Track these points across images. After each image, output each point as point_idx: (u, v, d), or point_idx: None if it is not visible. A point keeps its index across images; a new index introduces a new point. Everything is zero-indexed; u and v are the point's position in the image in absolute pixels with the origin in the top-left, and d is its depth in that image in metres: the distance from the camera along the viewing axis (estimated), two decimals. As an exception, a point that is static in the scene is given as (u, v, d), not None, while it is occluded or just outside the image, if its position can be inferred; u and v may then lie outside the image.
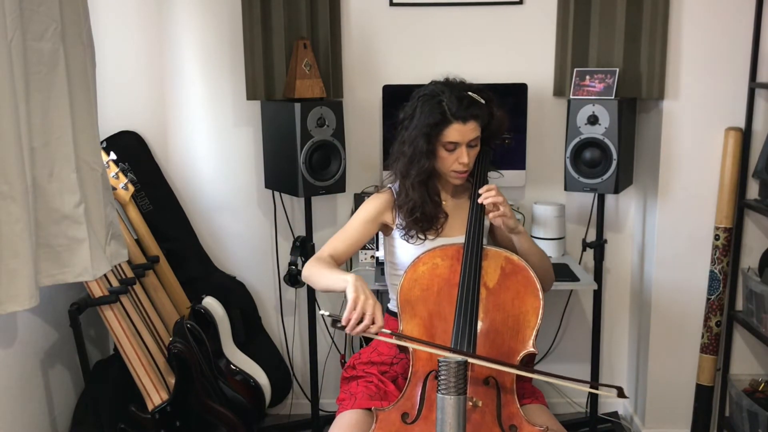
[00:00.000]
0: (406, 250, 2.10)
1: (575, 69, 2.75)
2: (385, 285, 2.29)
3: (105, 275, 2.41)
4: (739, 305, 2.83)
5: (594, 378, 2.91)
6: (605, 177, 2.63)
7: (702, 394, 2.85)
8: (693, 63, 2.70)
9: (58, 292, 2.50)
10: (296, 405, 3.18)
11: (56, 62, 2.03)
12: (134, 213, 2.80)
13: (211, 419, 2.56)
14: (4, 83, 1.81)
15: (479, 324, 1.88)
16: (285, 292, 3.12)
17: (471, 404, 1.75)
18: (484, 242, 2.05)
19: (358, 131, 2.97)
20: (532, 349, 1.87)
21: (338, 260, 2.08)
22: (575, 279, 2.65)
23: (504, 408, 1.80)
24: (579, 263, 2.95)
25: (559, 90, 2.89)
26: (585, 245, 2.85)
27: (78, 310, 2.38)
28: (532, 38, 2.90)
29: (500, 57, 2.92)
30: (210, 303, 2.83)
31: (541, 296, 1.91)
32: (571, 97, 2.69)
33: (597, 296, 2.86)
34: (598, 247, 2.81)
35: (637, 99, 2.84)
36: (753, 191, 2.74)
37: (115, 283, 2.50)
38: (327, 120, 2.65)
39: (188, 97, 2.95)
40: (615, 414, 3.16)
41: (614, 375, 3.18)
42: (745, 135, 2.70)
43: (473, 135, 2.00)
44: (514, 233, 2.04)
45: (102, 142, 2.77)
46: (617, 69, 2.68)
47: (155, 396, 2.50)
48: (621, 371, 3.19)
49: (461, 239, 2.01)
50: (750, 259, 2.80)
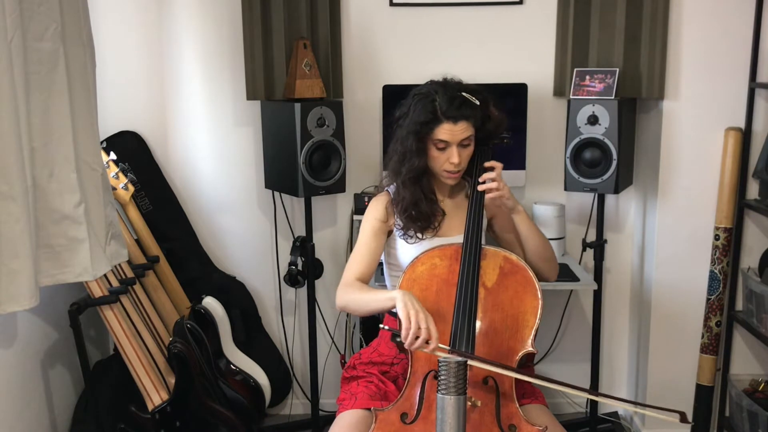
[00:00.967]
0: (405, 251, 2.10)
1: (575, 69, 2.74)
2: (385, 285, 2.29)
3: (105, 275, 2.42)
4: (739, 305, 2.83)
5: (594, 379, 2.90)
6: (605, 177, 2.63)
7: (702, 394, 2.85)
8: (693, 63, 2.70)
9: (58, 292, 2.50)
10: (296, 405, 3.18)
11: (56, 62, 2.03)
12: (134, 213, 2.80)
13: (211, 419, 2.56)
14: (4, 83, 1.81)
15: (478, 324, 1.88)
16: (285, 292, 3.12)
17: (470, 404, 1.75)
18: (483, 241, 2.05)
19: (358, 131, 2.97)
20: (531, 349, 1.87)
21: (366, 281, 2.07)
22: (575, 279, 2.65)
23: (503, 408, 1.80)
24: (579, 263, 2.95)
25: (559, 90, 2.89)
26: (585, 245, 2.85)
27: (78, 310, 2.38)
28: (532, 38, 2.90)
29: (500, 57, 2.92)
30: (210, 303, 2.84)
31: (540, 296, 1.91)
32: (571, 97, 2.69)
33: (597, 296, 2.86)
34: (598, 247, 2.81)
35: (637, 99, 2.84)
36: (753, 191, 2.74)
37: (115, 283, 2.51)
38: (327, 120, 2.65)
39: (188, 97, 2.95)
40: (615, 414, 3.15)
41: (614, 375, 3.18)
42: (745, 135, 2.70)
43: (464, 135, 1.99)
44: (514, 213, 2.06)
45: (102, 142, 2.77)
46: (617, 69, 2.68)
47: (155, 396, 2.50)
48: (621, 371, 3.18)
49: (460, 239, 2.01)
50: (750, 259, 2.80)
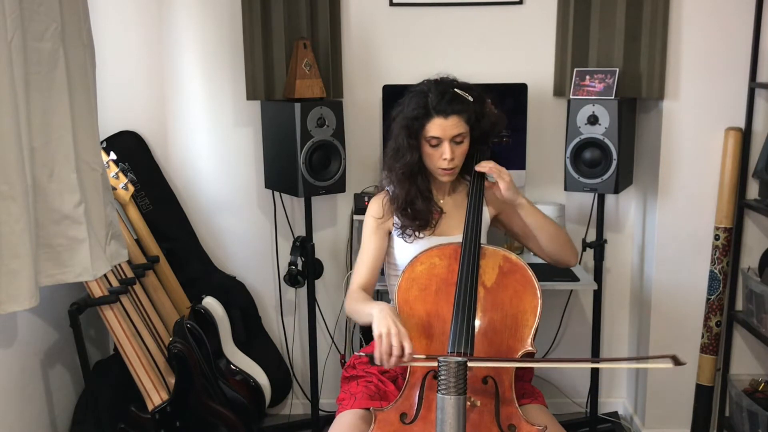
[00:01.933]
0: (404, 250, 2.10)
1: (575, 69, 2.74)
2: (385, 285, 2.30)
3: (105, 275, 2.42)
4: (739, 305, 2.83)
5: (593, 379, 2.91)
6: (605, 177, 2.63)
7: (702, 394, 2.85)
8: (693, 63, 2.70)
9: (58, 292, 2.50)
10: (296, 405, 3.18)
11: (56, 62, 2.03)
12: (134, 213, 2.80)
13: (211, 419, 2.56)
14: (4, 83, 1.82)
15: (477, 323, 1.88)
16: (285, 292, 3.12)
17: (469, 404, 1.75)
18: (483, 241, 2.05)
19: (358, 131, 2.97)
20: (531, 348, 1.87)
21: (369, 287, 2.10)
22: (575, 279, 2.65)
23: (502, 408, 1.80)
24: (579, 263, 2.94)
25: (559, 90, 2.89)
26: (585, 245, 2.85)
27: (78, 310, 2.38)
28: (532, 38, 2.90)
29: (500, 57, 2.92)
30: (210, 303, 2.84)
31: (540, 295, 1.91)
32: (571, 97, 2.69)
33: (597, 296, 2.85)
34: (598, 247, 2.81)
35: (637, 99, 2.84)
36: (753, 191, 2.73)
37: (115, 283, 2.51)
38: (327, 120, 2.65)
39: (188, 97, 2.95)
40: (615, 414, 3.16)
41: (614, 375, 3.18)
42: (745, 135, 2.70)
43: (456, 131, 2.00)
44: (518, 206, 2.06)
45: (102, 142, 2.77)
46: (617, 69, 2.67)
47: (155, 396, 2.50)
48: (621, 371, 3.18)
49: (459, 238, 2.01)
50: (750, 259, 2.80)
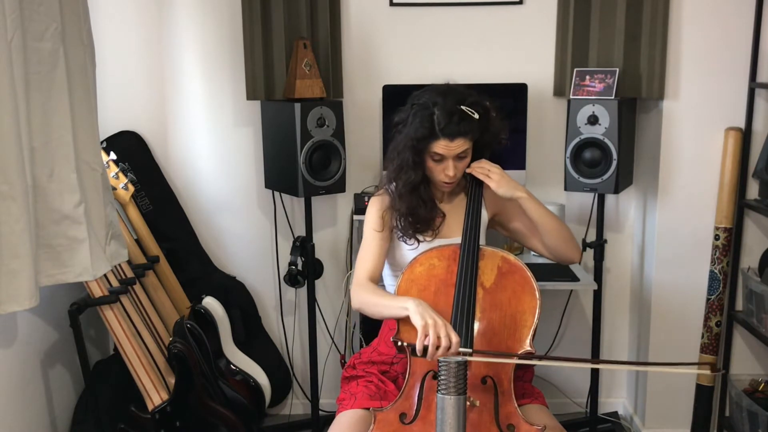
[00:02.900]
0: (405, 251, 2.11)
1: (575, 69, 2.74)
2: (385, 285, 2.29)
3: (105, 275, 2.42)
4: (739, 305, 2.83)
5: (593, 379, 2.90)
6: (605, 177, 2.63)
7: (702, 394, 2.85)
8: (693, 63, 2.70)
9: (58, 292, 2.51)
10: (296, 405, 3.18)
11: (56, 62, 2.03)
12: (134, 213, 2.80)
13: (211, 419, 2.56)
14: (4, 83, 1.82)
15: (476, 324, 1.88)
16: (285, 292, 3.12)
17: (469, 404, 1.75)
18: (482, 241, 2.06)
19: (358, 131, 2.97)
20: (529, 348, 1.86)
21: (376, 277, 2.08)
22: (575, 279, 2.65)
23: (501, 407, 1.80)
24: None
25: (559, 90, 2.89)
26: (585, 245, 2.85)
27: (78, 310, 2.38)
28: (532, 38, 2.90)
29: (500, 57, 2.92)
30: (210, 303, 2.84)
31: (538, 296, 1.91)
32: (571, 97, 2.69)
33: (597, 296, 2.85)
34: (598, 247, 2.81)
35: (637, 99, 2.84)
36: (753, 191, 2.73)
37: (115, 283, 2.51)
38: (327, 120, 2.65)
39: (188, 97, 2.95)
40: (615, 414, 3.16)
41: (614, 375, 3.18)
42: (745, 135, 2.70)
43: (460, 150, 1.99)
44: (516, 198, 2.05)
45: (102, 142, 2.77)
46: (617, 69, 2.67)
47: (155, 396, 2.50)
48: (621, 371, 3.18)
49: (459, 240, 2.01)
50: (750, 259, 2.80)
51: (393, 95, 2.79)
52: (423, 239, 2.08)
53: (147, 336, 2.57)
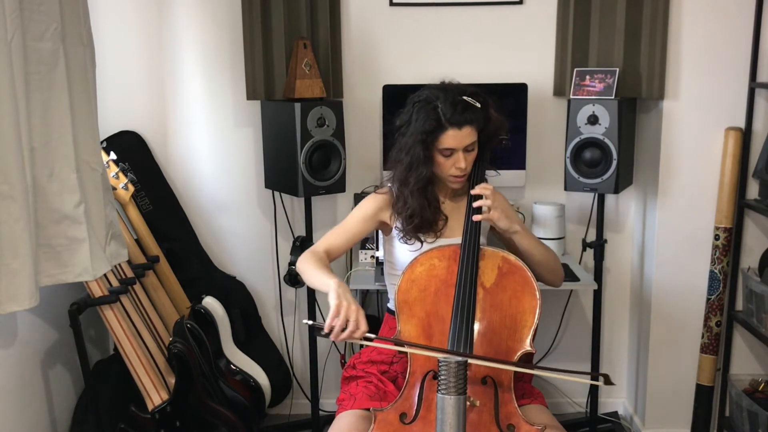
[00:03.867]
0: (405, 251, 2.10)
1: (575, 69, 2.74)
2: (385, 285, 2.30)
3: (105, 275, 2.42)
4: (739, 305, 2.83)
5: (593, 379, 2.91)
6: (605, 177, 2.63)
7: (702, 394, 2.85)
8: (693, 63, 2.70)
9: (58, 292, 2.51)
10: (296, 405, 3.18)
11: (56, 62, 2.03)
12: (134, 213, 2.80)
13: (211, 419, 2.56)
14: (4, 83, 1.82)
15: (476, 324, 1.88)
16: (285, 292, 3.12)
17: (469, 404, 1.75)
18: (482, 242, 2.05)
19: (358, 131, 2.97)
20: (530, 349, 1.86)
21: (333, 255, 2.10)
22: (575, 279, 2.65)
23: (501, 407, 1.80)
24: (579, 263, 2.95)
25: (559, 90, 2.89)
26: (585, 245, 2.85)
27: (78, 310, 2.38)
28: (532, 38, 2.90)
29: (500, 57, 2.92)
30: (210, 303, 2.84)
31: (538, 296, 1.91)
32: (571, 97, 2.69)
33: (597, 296, 2.86)
34: (598, 247, 2.81)
35: (637, 99, 2.84)
36: (753, 191, 2.73)
37: (115, 283, 2.51)
38: (327, 120, 2.65)
39: (188, 97, 2.95)
40: (615, 414, 3.16)
41: (614, 375, 3.18)
42: (745, 135, 2.70)
43: (469, 140, 1.99)
44: (511, 234, 2.04)
45: (102, 142, 2.77)
46: (617, 69, 2.67)
47: (155, 396, 2.50)
48: (621, 371, 3.18)
49: (459, 240, 2.01)
50: (750, 259, 2.80)
51: (393, 95, 2.80)
52: (425, 240, 2.08)
53: (147, 336, 2.57)
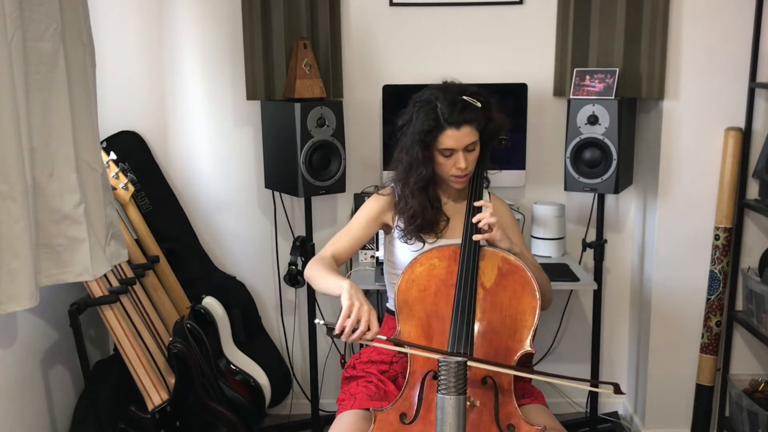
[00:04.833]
0: (405, 251, 2.10)
1: (575, 69, 2.74)
2: (385, 285, 2.30)
3: (105, 275, 2.42)
4: (739, 305, 2.83)
5: (594, 377, 2.90)
6: (605, 177, 2.63)
7: (702, 394, 2.85)
8: (693, 63, 2.70)
9: (58, 292, 2.51)
10: (296, 405, 3.18)
11: (56, 62, 2.03)
12: (134, 213, 2.80)
13: (211, 419, 2.56)
14: (4, 83, 1.82)
15: (476, 324, 1.88)
16: (285, 292, 3.12)
17: (469, 404, 1.75)
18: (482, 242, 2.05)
19: (358, 131, 2.97)
20: (530, 349, 1.87)
21: (340, 260, 2.10)
22: (575, 279, 2.65)
23: (502, 407, 1.80)
24: (579, 263, 2.95)
25: (559, 90, 2.89)
26: (585, 245, 2.85)
27: (78, 310, 2.38)
28: (532, 38, 2.90)
29: (500, 57, 2.92)
30: (210, 303, 2.84)
31: (539, 296, 1.91)
32: (571, 97, 2.69)
33: (597, 296, 2.86)
34: (598, 247, 2.81)
35: (637, 99, 2.84)
36: (753, 191, 2.73)
37: (115, 283, 2.51)
38: (327, 120, 2.65)
39: (188, 97, 2.95)
40: (615, 414, 3.16)
41: (614, 375, 3.18)
42: (745, 135, 2.70)
43: (469, 140, 1.99)
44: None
45: (102, 142, 2.77)
46: (617, 69, 2.67)
47: (155, 396, 2.50)
48: (621, 371, 3.18)
49: (460, 240, 2.01)
50: (750, 259, 2.80)
51: (393, 95, 2.80)
52: (426, 240, 2.08)
53: (147, 336, 2.57)
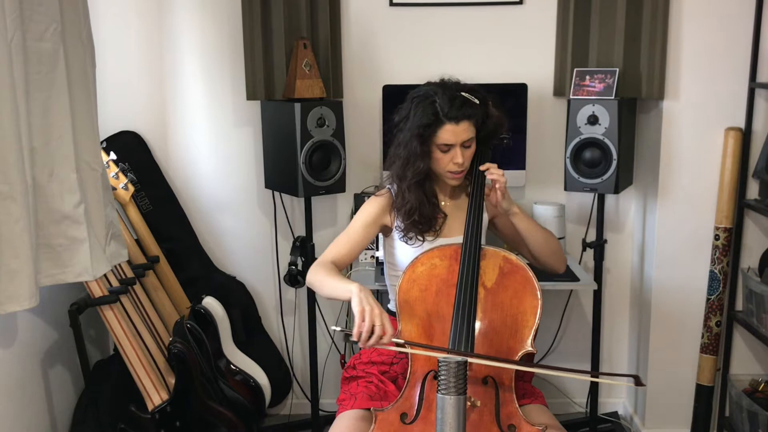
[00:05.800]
0: (405, 251, 2.10)
1: (575, 69, 2.74)
2: (385, 285, 2.30)
3: (105, 275, 2.42)
4: (739, 305, 2.83)
5: (594, 382, 2.90)
6: (605, 177, 2.63)
7: (702, 394, 2.85)
8: (693, 63, 2.70)
9: (58, 292, 2.50)
10: (296, 405, 3.18)
11: (56, 62, 2.03)
12: (134, 213, 2.80)
13: (211, 419, 2.56)
14: (4, 83, 1.82)
15: (477, 324, 1.88)
16: (285, 292, 3.12)
17: (470, 404, 1.75)
18: (483, 241, 2.05)
19: (358, 131, 2.97)
20: (531, 349, 1.87)
21: (341, 264, 2.09)
22: (575, 279, 2.65)
23: (502, 407, 1.80)
24: (579, 263, 2.95)
25: (559, 90, 2.89)
26: (585, 245, 2.85)
27: (78, 310, 2.38)
28: (532, 38, 2.90)
29: (500, 57, 2.92)
30: (210, 303, 2.84)
31: (540, 296, 1.91)
32: (571, 97, 2.69)
33: (597, 296, 2.85)
34: (598, 247, 2.81)
35: (637, 99, 2.84)
36: (753, 191, 2.74)
37: (115, 283, 2.51)
38: (327, 120, 2.65)
39: (188, 97, 2.95)
40: (615, 414, 3.16)
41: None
42: (745, 135, 2.70)
43: (466, 135, 2.00)
44: (510, 215, 2.07)
45: (102, 142, 2.77)
46: (617, 69, 2.67)
47: (155, 396, 2.50)
48: (621, 371, 3.18)
49: (460, 239, 2.01)
50: (750, 259, 2.80)
51: (393, 95, 2.79)
52: (425, 239, 2.08)
53: (147, 336, 2.57)
